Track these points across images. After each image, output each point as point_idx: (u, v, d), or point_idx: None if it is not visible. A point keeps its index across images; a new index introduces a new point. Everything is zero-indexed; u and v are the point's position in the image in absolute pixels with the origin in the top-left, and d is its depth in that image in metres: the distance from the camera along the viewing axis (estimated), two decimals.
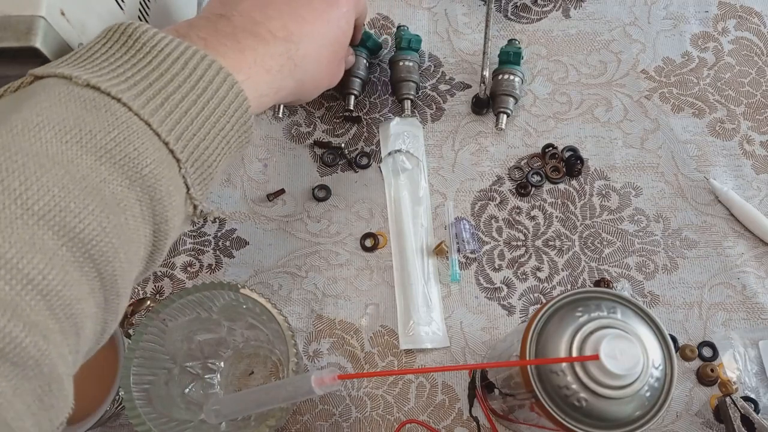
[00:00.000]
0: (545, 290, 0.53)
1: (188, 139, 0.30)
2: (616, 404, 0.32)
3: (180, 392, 0.45)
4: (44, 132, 0.26)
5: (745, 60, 0.60)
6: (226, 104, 0.32)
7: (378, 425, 0.50)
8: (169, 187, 0.29)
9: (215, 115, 0.32)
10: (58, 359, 0.24)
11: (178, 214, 0.31)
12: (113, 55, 0.30)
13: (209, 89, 0.31)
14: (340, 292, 0.53)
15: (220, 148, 0.33)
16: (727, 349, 0.51)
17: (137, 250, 0.29)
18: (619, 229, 0.55)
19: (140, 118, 0.28)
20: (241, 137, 0.34)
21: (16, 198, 0.24)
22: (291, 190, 0.56)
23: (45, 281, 0.24)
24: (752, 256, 0.54)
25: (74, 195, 0.25)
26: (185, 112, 0.30)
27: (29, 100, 0.27)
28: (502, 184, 0.56)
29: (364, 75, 0.57)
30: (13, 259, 0.23)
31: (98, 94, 0.28)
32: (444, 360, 0.51)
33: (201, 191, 0.32)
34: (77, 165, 0.26)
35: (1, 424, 0.22)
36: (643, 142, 0.57)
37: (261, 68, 0.36)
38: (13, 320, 0.22)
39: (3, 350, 0.22)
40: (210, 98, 0.31)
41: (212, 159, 0.32)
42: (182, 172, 0.30)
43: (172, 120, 0.30)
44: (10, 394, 0.22)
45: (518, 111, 0.58)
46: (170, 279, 0.54)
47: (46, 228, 0.24)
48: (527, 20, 0.62)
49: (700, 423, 0.49)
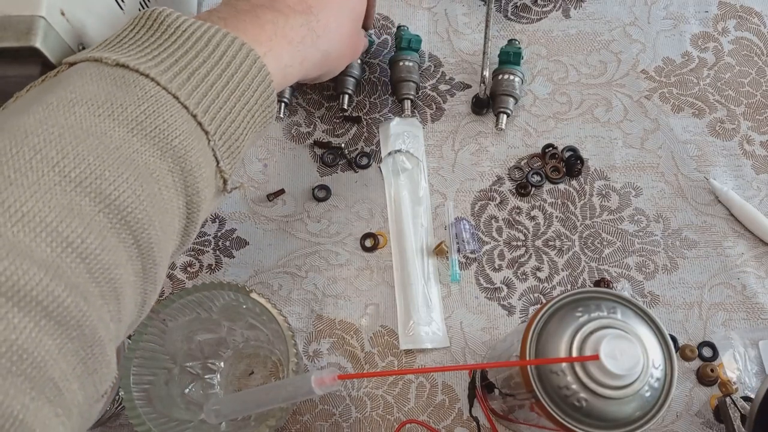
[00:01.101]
0: (545, 290, 0.53)
1: (215, 112, 0.31)
2: (616, 404, 0.32)
3: (180, 392, 0.45)
4: (78, 107, 0.27)
5: (745, 60, 0.60)
6: (249, 78, 0.33)
7: (378, 425, 0.50)
8: (198, 158, 0.30)
9: (240, 88, 0.33)
10: (98, 323, 0.25)
11: (208, 187, 0.32)
12: (140, 38, 0.32)
13: (233, 64, 0.32)
14: (340, 292, 0.53)
15: (246, 122, 0.33)
16: (727, 349, 0.51)
17: (172, 220, 0.29)
18: (619, 229, 0.55)
19: (168, 91, 0.29)
20: (265, 111, 0.35)
21: (54, 166, 0.25)
22: (291, 190, 0.56)
23: (84, 245, 0.24)
24: (752, 256, 0.54)
25: (109, 164, 0.26)
26: (211, 86, 0.31)
27: (62, 82, 0.28)
28: (502, 184, 0.56)
29: (358, 74, 0.57)
30: (53, 222, 0.24)
31: (127, 72, 0.29)
32: (444, 360, 0.51)
33: (230, 165, 0.33)
34: (110, 136, 0.27)
35: (48, 382, 0.22)
36: (643, 142, 0.57)
37: (282, 40, 0.37)
38: (55, 280, 0.23)
39: (47, 308, 0.22)
40: (234, 72, 0.32)
41: (239, 132, 0.33)
42: (211, 144, 0.31)
43: (199, 93, 0.31)
44: (56, 353, 0.23)
45: (518, 111, 0.58)
46: (170, 279, 0.54)
47: (83, 195, 0.25)
48: (527, 20, 0.62)
49: (700, 423, 0.49)
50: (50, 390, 0.23)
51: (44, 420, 0.22)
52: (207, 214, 0.34)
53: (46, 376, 0.22)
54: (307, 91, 0.60)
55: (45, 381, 0.22)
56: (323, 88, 0.60)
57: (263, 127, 0.36)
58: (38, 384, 0.22)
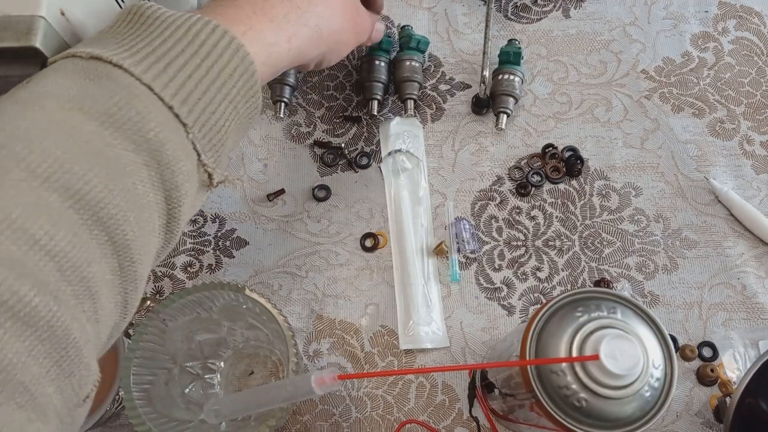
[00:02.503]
0: (545, 290, 0.53)
1: (193, 102, 0.30)
2: (616, 404, 0.32)
3: (180, 392, 0.45)
4: (47, 101, 0.26)
5: (745, 60, 0.60)
6: (231, 67, 0.32)
7: (378, 425, 0.50)
8: (176, 152, 0.29)
9: (220, 78, 0.31)
10: (72, 323, 0.24)
11: (189, 181, 0.30)
12: (119, 32, 0.31)
13: (212, 53, 0.31)
14: (340, 292, 0.53)
15: (228, 113, 0.32)
16: (727, 349, 0.51)
17: (150, 216, 0.28)
18: (619, 229, 0.55)
19: (142, 82, 0.28)
20: (249, 102, 0.33)
21: (20, 161, 0.24)
22: (291, 190, 0.56)
23: (53, 242, 0.23)
24: (752, 256, 0.53)
25: (78, 158, 0.25)
26: (188, 76, 0.30)
27: (36, 78, 0.28)
28: (502, 184, 0.56)
29: (385, 79, 0.57)
30: (19, 219, 0.23)
31: (101, 64, 0.28)
32: (444, 360, 0.51)
33: (213, 158, 0.32)
34: (80, 130, 0.26)
35: (19, 387, 0.22)
36: (643, 142, 0.57)
37: (263, 17, 0.35)
38: (21, 279, 0.22)
39: (13, 308, 0.22)
40: (214, 62, 0.31)
41: (220, 124, 0.32)
42: (190, 137, 0.30)
43: (175, 84, 0.29)
44: (26, 356, 0.22)
45: (518, 111, 0.58)
46: (170, 279, 0.54)
47: (51, 190, 0.24)
48: (527, 20, 0.62)
49: (700, 423, 0.49)
50: (21, 395, 0.22)
51: (15, 426, 0.21)
52: (193, 209, 0.33)
53: (15, 380, 0.21)
54: (308, 91, 0.60)
55: (14, 385, 0.21)
56: (323, 88, 0.60)
57: (248, 118, 0.34)
58: (6, 389, 0.21)
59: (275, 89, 0.57)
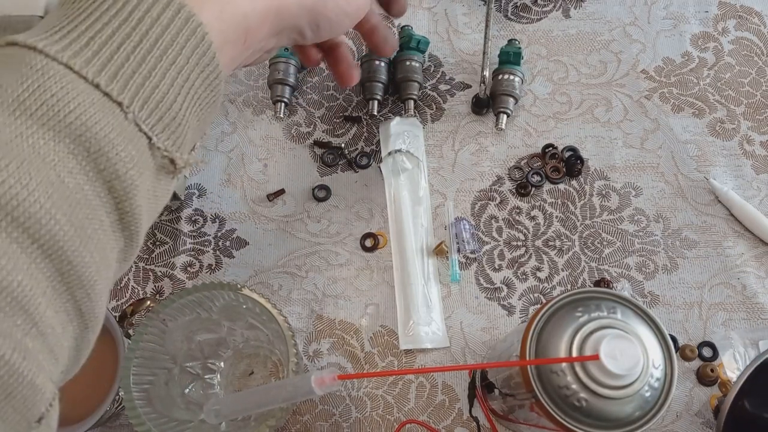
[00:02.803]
0: (545, 290, 0.53)
1: (127, 78, 0.26)
2: (616, 404, 0.32)
3: (180, 392, 0.45)
4: None
5: (745, 60, 0.60)
6: (172, 31, 0.27)
7: (378, 425, 0.50)
8: (110, 135, 0.25)
9: (160, 45, 0.26)
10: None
11: (136, 168, 0.26)
12: (54, 14, 0.27)
13: (146, 18, 0.26)
14: (340, 292, 0.53)
15: (178, 85, 0.27)
16: (727, 349, 0.51)
17: (90, 212, 0.25)
18: (619, 229, 0.55)
19: (59, 62, 0.25)
20: (205, 70, 0.28)
21: None
22: (291, 190, 0.56)
23: None
24: (752, 256, 0.53)
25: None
26: (118, 48, 0.26)
27: None
28: (502, 184, 0.56)
29: (385, 79, 0.57)
30: None
31: (16, 49, 0.25)
32: (444, 360, 0.51)
33: (170, 140, 0.28)
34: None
35: None
36: (643, 142, 0.57)
37: None
38: None
39: None
40: (149, 27, 0.26)
41: (171, 99, 0.27)
42: (130, 117, 0.26)
43: (101, 59, 0.25)
44: None
45: (518, 111, 0.58)
46: (170, 279, 0.54)
47: None
48: (527, 20, 0.62)
49: (700, 423, 0.49)
50: None
51: None
52: (157, 200, 0.29)
53: None
54: (307, 91, 0.60)
55: None
56: (323, 88, 0.60)
57: (211, 90, 0.29)
58: None
59: (275, 89, 0.57)
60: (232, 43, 0.30)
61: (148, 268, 0.54)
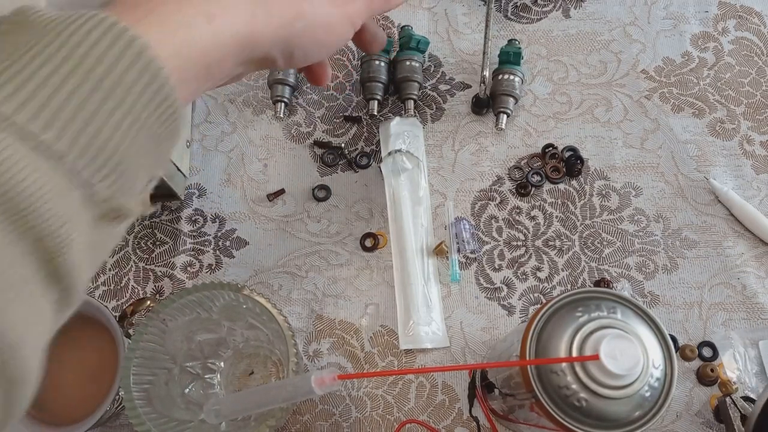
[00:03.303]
0: (545, 290, 0.53)
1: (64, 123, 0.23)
2: (616, 404, 0.32)
3: (180, 392, 0.45)
4: None
5: (745, 60, 0.60)
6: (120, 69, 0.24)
7: (378, 425, 0.50)
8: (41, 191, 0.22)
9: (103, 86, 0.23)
10: None
11: (69, 222, 0.23)
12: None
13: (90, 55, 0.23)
14: (340, 292, 0.53)
15: (125, 127, 0.24)
16: (727, 349, 0.51)
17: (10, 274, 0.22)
18: (619, 229, 0.55)
19: None
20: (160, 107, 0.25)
21: None
22: (291, 190, 0.56)
23: None
24: (752, 256, 0.53)
25: None
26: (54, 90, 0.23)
27: None
28: (502, 184, 0.56)
29: (385, 79, 0.57)
30: None
31: None
32: (444, 360, 0.51)
33: (115, 185, 0.24)
34: None
35: None
36: (643, 142, 0.57)
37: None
38: None
39: None
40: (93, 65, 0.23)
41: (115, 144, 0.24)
42: (67, 167, 0.23)
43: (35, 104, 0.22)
44: None
45: (518, 111, 0.58)
46: (170, 279, 0.54)
47: None
48: (527, 20, 0.62)
49: (700, 423, 0.49)
50: None
51: None
52: (104, 247, 0.26)
53: None
54: (308, 91, 0.60)
55: None
56: (323, 88, 0.60)
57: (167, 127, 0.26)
58: None
59: (275, 89, 0.57)
60: (193, 79, 0.27)
61: (148, 268, 0.54)
